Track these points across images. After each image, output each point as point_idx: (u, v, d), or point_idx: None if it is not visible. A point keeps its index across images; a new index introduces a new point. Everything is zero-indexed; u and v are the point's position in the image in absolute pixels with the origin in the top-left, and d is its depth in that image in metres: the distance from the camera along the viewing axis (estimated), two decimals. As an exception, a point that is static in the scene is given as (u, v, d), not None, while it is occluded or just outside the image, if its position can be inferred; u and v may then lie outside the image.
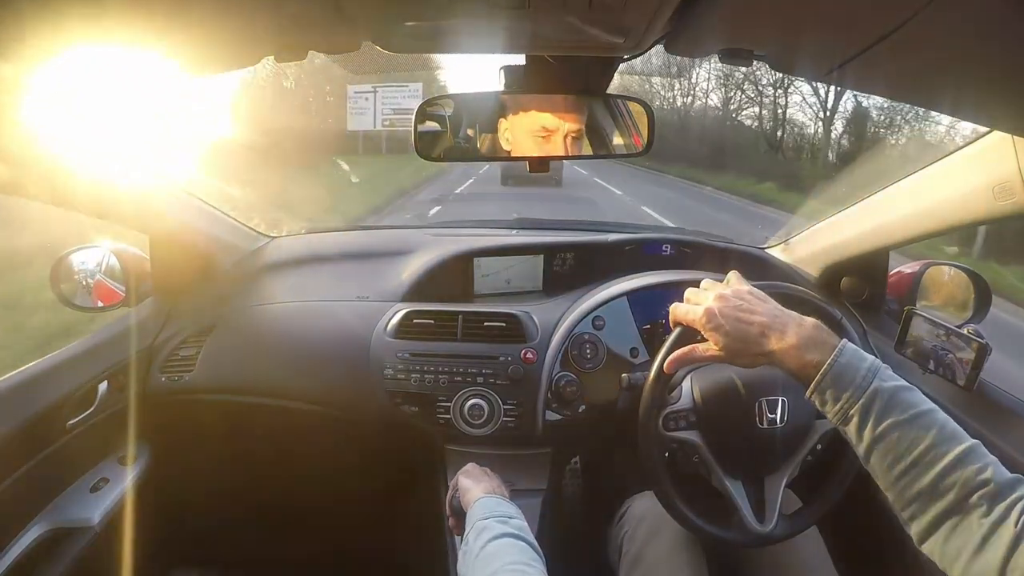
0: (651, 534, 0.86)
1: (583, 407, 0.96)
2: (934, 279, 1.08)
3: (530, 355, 0.97)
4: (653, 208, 9.00)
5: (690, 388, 0.82)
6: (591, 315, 1.01)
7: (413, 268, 1.18)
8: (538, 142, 0.74)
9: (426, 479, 1.10)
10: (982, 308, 0.99)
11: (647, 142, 0.78)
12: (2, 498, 0.78)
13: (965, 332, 0.82)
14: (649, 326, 1.02)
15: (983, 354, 0.80)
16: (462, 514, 0.73)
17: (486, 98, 0.73)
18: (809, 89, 16.11)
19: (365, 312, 1.08)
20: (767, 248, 1.31)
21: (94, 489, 0.94)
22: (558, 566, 0.99)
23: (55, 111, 0.75)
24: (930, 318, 0.88)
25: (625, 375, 0.93)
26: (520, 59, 0.69)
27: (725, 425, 0.79)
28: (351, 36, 0.54)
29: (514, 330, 1.02)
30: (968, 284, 1.02)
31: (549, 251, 1.24)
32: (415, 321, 1.03)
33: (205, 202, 1.16)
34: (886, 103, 13.56)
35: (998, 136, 0.70)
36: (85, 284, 1.09)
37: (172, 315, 1.12)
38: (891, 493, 0.51)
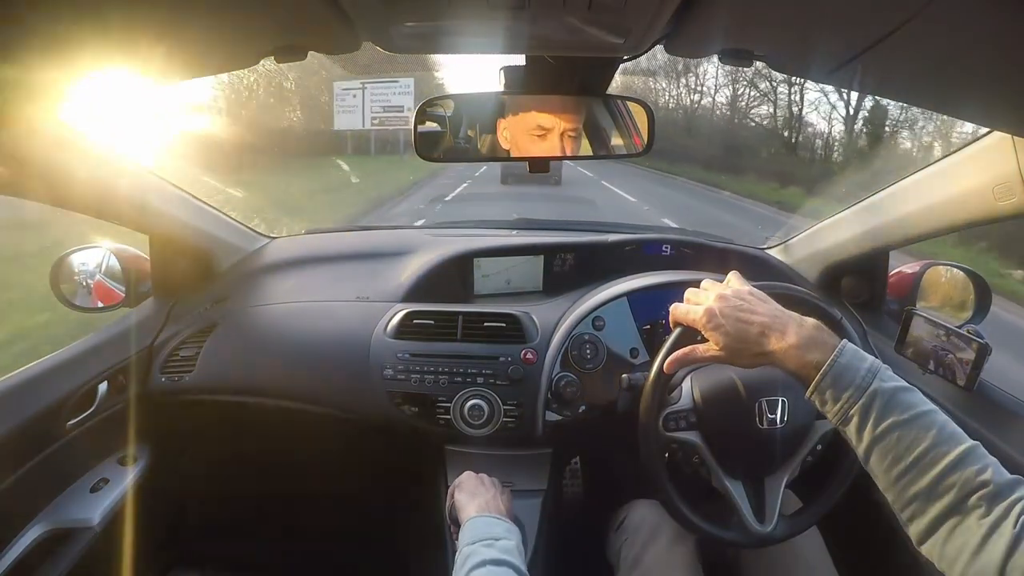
0: (649, 541, 0.87)
1: (583, 407, 0.96)
2: (934, 279, 1.08)
3: (530, 355, 0.97)
4: (676, 220, 7.83)
5: (690, 388, 0.82)
6: (591, 315, 1.01)
7: (413, 268, 1.18)
8: (538, 139, 0.74)
9: (426, 479, 1.10)
10: (982, 308, 0.99)
11: (647, 142, 0.78)
12: (2, 498, 0.78)
13: (965, 332, 0.82)
14: (649, 326, 1.02)
15: (983, 354, 0.80)
16: (459, 525, 0.74)
17: (486, 98, 0.73)
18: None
19: (365, 312, 1.08)
20: (767, 248, 1.31)
21: (94, 489, 0.94)
22: (558, 566, 0.99)
23: (55, 111, 0.75)
24: (930, 318, 0.88)
25: (625, 375, 0.93)
26: (520, 59, 0.69)
27: (725, 425, 0.79)
28: (351, 36, 0.54)
29: (514, 330, 1.02)
30: (968, 284, 1.02)
31: (549, 251, 1.24)
32: (415, 321, 1.03)
33: (205, 202, 1.16)
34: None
35: (998, 136, 0.70)
36: (85, 285, 1.09)
37: (172, 315, 1.12)
38: (890, 494, 0.51)
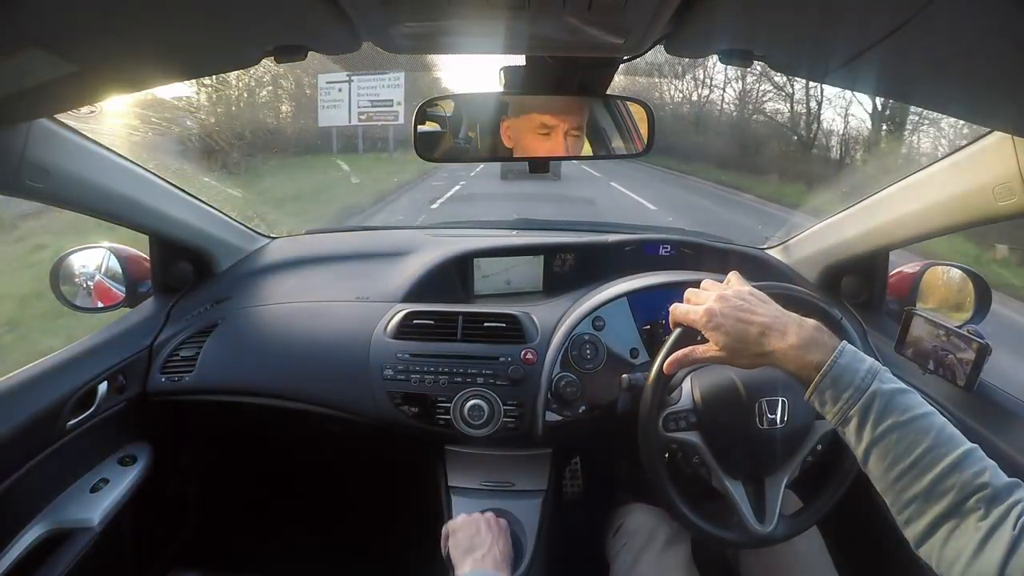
0: (646, 546, 0.87)
1: (583, 408, 0.96)
2: (934, 279, 1.08)
3: (530, 356, 0.97)
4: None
5: (690, 389, 0.82)
6: (591, 315, 1.01)
7: (413, 269, 1.18)
8: (538, 139, 0.74)
9: (426, 480, 1.10)
10: (982, 308, 0.99)
11: (647, 143, 0.78)
12: (2, 498, 0.78)
13: (965, 332, 0.82)
14: (649, 326, 1.02)
15: (983, 354, 0.79)
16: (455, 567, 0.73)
17: (486, 98, 0.73)
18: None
19: (365, 312, 1.08)
20: (767, 249, 1.31)
21: (94, 489, 0.94)
22: (558, 566, 0.99)
23: (55, 111, 0.75)
24: (930, 318, 0.88)
25: (625, 376, 0.93)
26: (520, 60, 0.69)
27: (725, 426, 0.79)
28: (351, 36, 0.54)
29: (514, 331, 1.02)
30: (968, 284, 1.02)
31: (549, 252, 1.24)
32: (415, 322, 1.03)
33: (205, 202, 1.16)
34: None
35: (998, 136, 0.70)
36: (85, 285, 1.10)
37: (172, 315, 1.12)
38: (888, 496, 0.51)
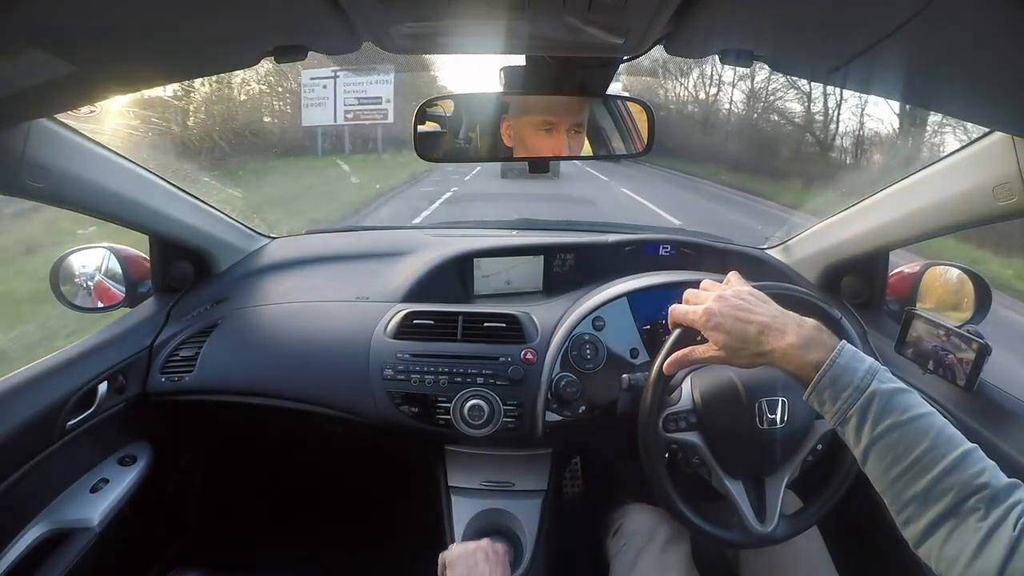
0: (645, 546, 0.87)
1: (583, 408, 0.96)
2: (934, 279, 1.08)
3: (530, 356, 0.97)
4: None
5: (690, 389, 0.82)
6: (591, 316, 1.01)
7: (413, 269, 1.18)
8: (540, 137, 0.74)
9: (426, 480, 1.10)
10: (982, 308, 0.99)
11: (647, 143, 0.78)
12: (2, 498, 0.78)
13: (965, 332, 0.82)
14: (649, 326, 1.02)
15: (983, 354, 0.79)
16: None
17: (486, 98, 0.73)
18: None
19: (365, 313, 1.08)
20: (767, 249, 1.31)
21: (94, 489, 0.94)
22: (558, 566, 0.99)
23: (55, 111, 0.75)
24: (930, 318, 0.88)
25: (625, 376, 0.93)
26: (520, 60, 0.69)
27: (725, 426, 0.79)
28: (351, 36, 0.54)
29: (514, 331, 1.02)
30: (968, 284, 1.02)
31: (549, 252, 1.24)
32: (415, 322, 1.03)
33: (205, 202, 1.16)
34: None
35: (998, 136, 0.70)
36: (85, 285, 1.10)
37: (172, 315, 1.12)
38: (887, 496, 0.51)
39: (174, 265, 1.17)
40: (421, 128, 0.73)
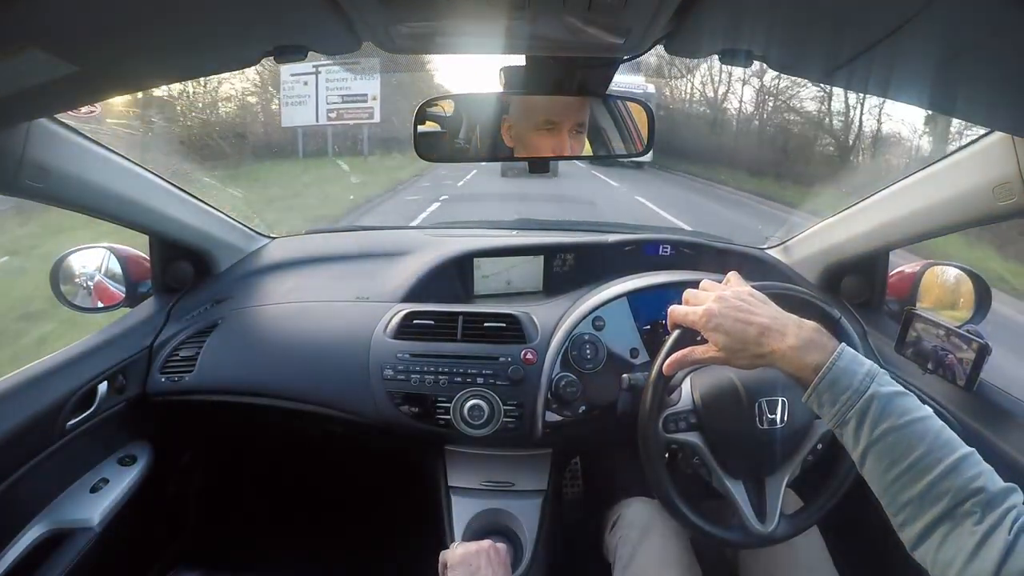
0: (643, 539, 0.87)
1: (583, 408, 0.96)
2: (934, 279, 1.08)
3: (530, 356, 0.97)
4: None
5: (690, 390, 0.82)
6: (591, 316, 1.01)
7: (413, 269, 1.18)
8: (542, 136, 0.74)
9: (426, 480, 1.10)
10: (982, 308, 0.99)
11: (647, 143, 0.78)
12: (2, 498, 0.78)
13: (965, 332, 0.82)
14: (649, 326, 1.02)
15: (983, 354, 0.79)
16: None
17: (486, 98, 0.73)
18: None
19: (365, 313, 1.08)
20: (767, 249, 1.31)
21: (94, 489, 0.94)
22: (558, 566, 0.99)
23: (55, 111, 0.75)
24: (930, 318, 0.88)
25: (625, 376, 0.93)
26: (520, 60, 0.69)
27: (725, 426, 0.79)
28: (351, 36, 0.54)
29: (514, 331, 1.02)
30: (968, 284, 1.02)
31: (549, 252, 1.24)
32: (415, 322, 1.03)
33: (205, 202, 1.16)
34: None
35: (998, 136, 0.70)
36: (85, 285, 1.10)
37: (172, 315, 1.12)
38: (884, 499, 0.51)
39: (174, 265, 1.17)
40: (421, 128, 0.74)
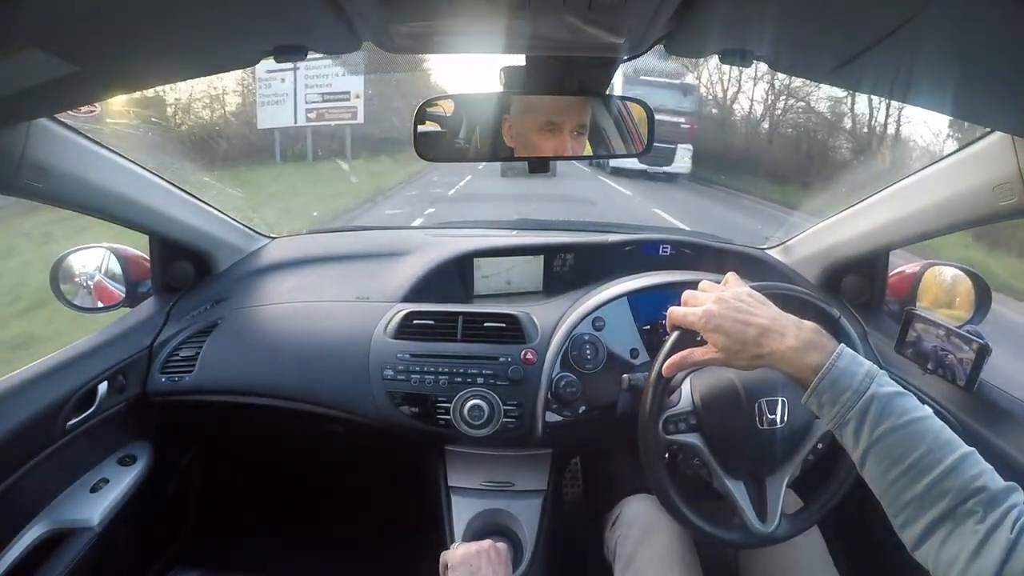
0: (643, 536, 0.86)
1: (583, 408, 0.96)
2: (934, 279, 1.08)
3: (530, 356, 0.97)
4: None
5: (689, 391, 0.82)
6: (591, 316, 1.01)
7: (413, 269, 1.18)
8: (543, 137, 0.74)
9: (426, 480, 1.10)
10: (982, 309, 0.99)
11: (647, 143, 0.78)
12: (2, 498, 0.78)
13: (965, 332, 0.82)
14: (649, 327, 1.02)
15: (983, 355, 0.79)
16: None
17: (486, 98, 0.73)
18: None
19: (365, 313, 1.08)
20: (767, 249, 1.31)
21: (94, 489, 0.94)
22: (558, 566, 0.99)
23: (55, 111, 0.75)
24: (930, 318, 0.88)
25: (625, 376, 0.93)
26: (520, 59, 0.69)
27: (725, 427, 0.79)
28: (351, 36, 0.54)
29: (514, 331, 1.02)
30: (968, 285, 1.02)
31: (549, 252, 1.24)
32: (415, 322, 1.03)
33: (205, 202, 1.16)
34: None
35: (998, 136, 0.70)
36: (85, 285, 1.10)
37: (172, 315, 1.12)
38: (885, 499, 0.51)
39: (174, 265, 1.17)
40: (421, 128, 0.74)
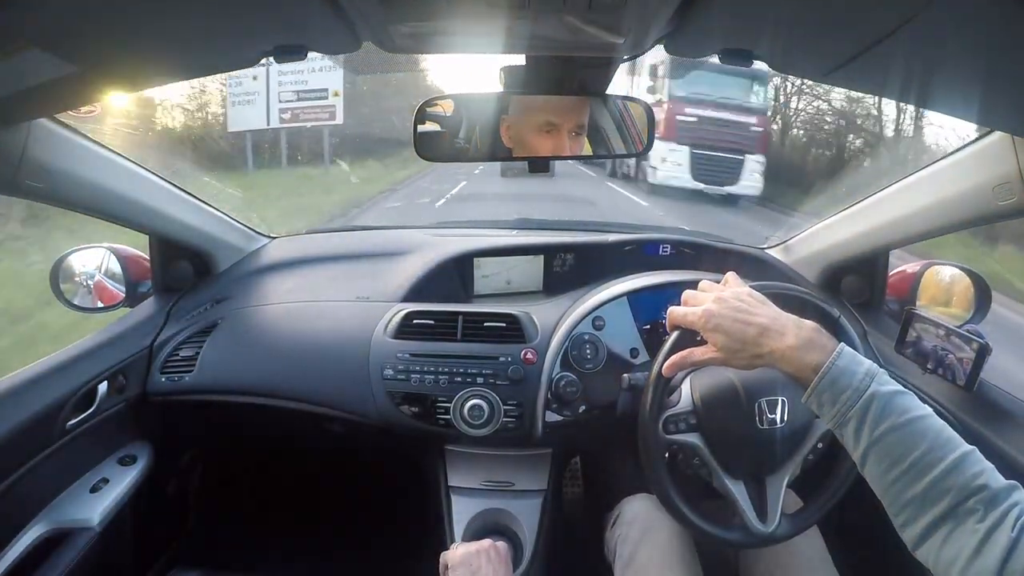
0: (643, 536, 0.86)
1: (583, 407, 0.96)
2: (934, 279, 1.08)
3: (530, 355, 0.97)
4: None
5: (689, 391, 0.82)
6: (591, 315, 1.01)
7: (413, 268, 1.18)
8: (542, 137, 0.74)
9: (426, 479, 1.10)
10: (982, 308, 0.99)
11: (647, 143, 0.78)
12: (2, 498, 0.78)
13: (965, 332, 0.82)
14: (649, 326, 1.02)
15: (983, 354, 0.79)
16: None
17: (486, 98, 0.73)
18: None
19: (365, 312, 1.08)
20: (767, 249, 1.31)
21: (94, 489, 0.94)
22: (558, 566, 0.99)
23: (55, 111, 0.75)
24: (930, 318, 0.88)
25: (626, 375, 0.93)
26: (520, 59, 0.69)
27: (725, 427, 0.79)
28: (351, 36, 0.54)
29: (514, 330, 1.02)
30: (968, 284, 1.02)
31: (549, 251, 1.24)
32: (415, 321, 1.03)
33: (205, 202, 1.16)
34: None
35: (998, 136, 0.70)
36: (85, 284, 1.10)
37: (172, 315, 1.12)
38: (886, 499, 0.51)
39: (174, 265, 1.17)
40: (421, 128, 0.74)
